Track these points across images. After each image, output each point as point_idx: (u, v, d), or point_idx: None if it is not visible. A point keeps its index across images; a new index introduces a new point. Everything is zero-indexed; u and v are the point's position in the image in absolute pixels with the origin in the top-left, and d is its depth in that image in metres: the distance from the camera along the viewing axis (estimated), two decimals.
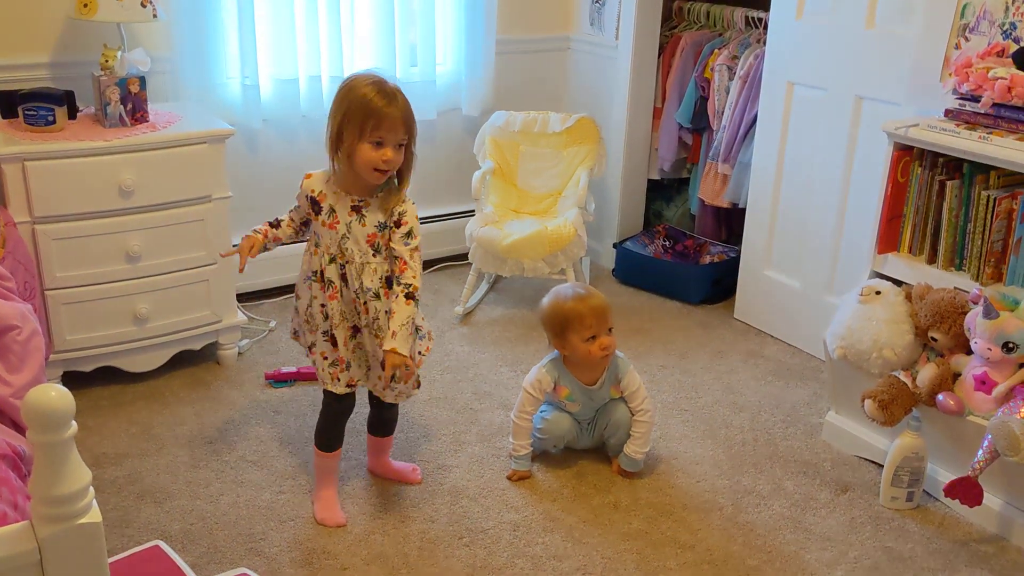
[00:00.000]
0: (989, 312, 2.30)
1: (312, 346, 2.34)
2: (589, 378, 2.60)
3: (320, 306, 2.27)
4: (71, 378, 2.88)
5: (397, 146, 2.14)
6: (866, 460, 2.73)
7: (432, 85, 3.82)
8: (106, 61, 2.88)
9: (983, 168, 2.46)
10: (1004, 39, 2.55)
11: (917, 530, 2.45)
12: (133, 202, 2.80)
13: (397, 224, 2.21)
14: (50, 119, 2.80)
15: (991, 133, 2.40)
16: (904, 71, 2.83)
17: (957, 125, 2.48)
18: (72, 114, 2.93)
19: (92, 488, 1.22)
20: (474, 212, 3.70)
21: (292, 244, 2.46)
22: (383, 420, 2.52)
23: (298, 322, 2.38)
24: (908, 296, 2.55)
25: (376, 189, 2.22)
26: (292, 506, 2.46)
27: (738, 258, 3.69)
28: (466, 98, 3.94)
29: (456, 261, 4.04)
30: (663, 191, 4.33)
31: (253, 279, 3.57)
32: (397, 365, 2.15)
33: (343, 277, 2.24)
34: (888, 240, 2.69)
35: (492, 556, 2.30)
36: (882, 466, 2.56)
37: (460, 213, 4.05)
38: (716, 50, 3.81)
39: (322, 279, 2.25)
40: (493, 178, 3.77)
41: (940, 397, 2.38)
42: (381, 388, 2.35)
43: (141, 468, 2.59)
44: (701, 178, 3.92)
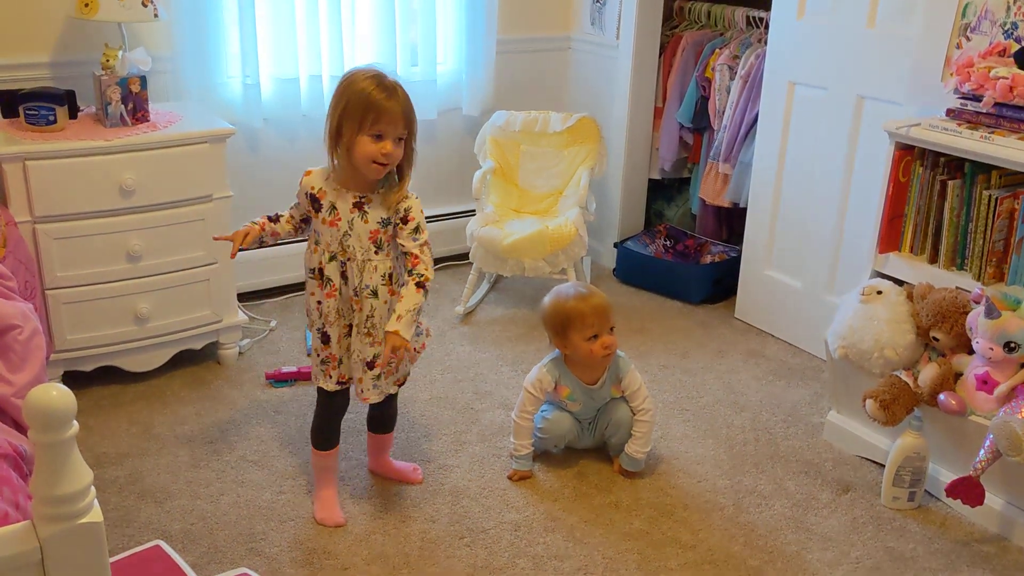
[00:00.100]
0: (991, 312, 2.30)
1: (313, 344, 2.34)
2: (590, 377, 2.59)
3: (316, 303, 2.27)
4: (72, 377, 2.87)
5: (397, 140, 2.13)
6: (867, 460, 2.73)
7: (433, 85, 3.82)
8: (107, 60, 2.88)
9: (984, 168, 2.46)
10: (1005, 39, 2.55)
11: (919, 530, 2.45)
12: (134, 202, 2.80)
13: (404, 220, 2.21)
14: (51, 119, 2.80)
15: (993, 133, 2.40)
16: (905, 71, 2.83)
17: (958, 125, 2.48)
18: (73, 114, 2.93)
19: (93, 488, 1.22)
20: (475, 212, 3.70)
21: (292, 243, 2.45)
22: (383, 416, 2.52)
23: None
24: (909, 296, 2.55)
25: (377, 185, 2.21)
26: (293, 506, 2.46)
27: (739, 258, 3.69)
28: (467, 98, 3.94)
29: (457, 261, 4.04)
30: (664, 191, 4.33)
31: (253, 279, 3.57)
32: (397, 347, 2.15)
33: (343, 275, 2.24)
34: (889, 240, 2.68)
35: (493, 556, 2.29)
36: (883, 466, 2.56)
37: (461, 213, 4.04)
38: (717, 50, 3.81)
39: (320, 277, 2.25)
40: (494, 178, 3.77)
41: (942, 397, 2.38)
42: (370, 385, 2.31)
43: (142, 468, 2.59)
44: (702, 178, 3.92)
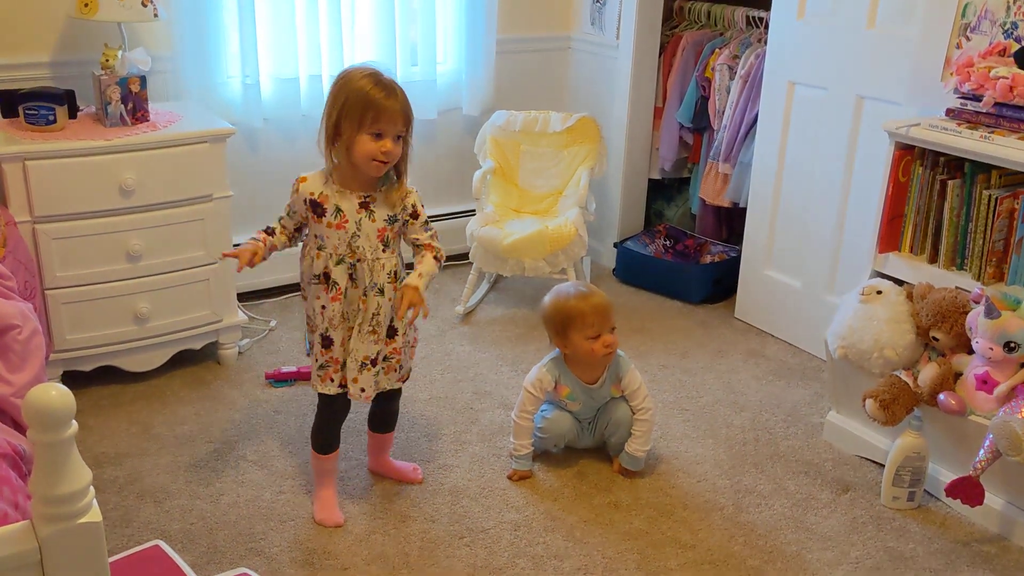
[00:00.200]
0: (991, 311, 2.30)
1: (312, 347, 2.34)
2: (590, 377, 2.59)
3: (321, 308, 2.26)
4: (71, 377, 2.87)
5: (396, 138, 2.14)
6: (867, 460, 2.73)
7: (433, 84, 3.82)
8: (107, 60, 2.88)
9: (984, 167, 2.46)
10: (1005, 38, 2.55)
11: (918, 530, 2.44)
12: (133, 201, 2.79)
13: (414, 216, 2.26)
14: (51, 118, 2.80)
15: (992, 132, 2.40)
16: (905, 71, 2.83)
17: (958, 124, 2.48)
18: (73, 113, 2.92)
19: (92, 488, 1.22)
20: (475, 211, 3.70)
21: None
22: (385, 414, 2.51)
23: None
24: (909, 296, 2.55)
25: (377, 183, 2.22)
26: (292, 506, 2.46)
27: (739, 258, 3.69)
28: (467, 97, 3.94)
29: (457, 260, 4.04)
30: (664, 191, 4.32)
31: (253, 279, 3.56)
32: (414, 302, 2.18)
33: (351, 276, 2.23)
34: (889, 240, 2.68)
35: (493, 556, 2.29)
36: (883, 466, 2.56)
37: (461, 212, 4.04)
38: (717, 50, 3.81)
39: (326, 281, 2.24)
40: (494, 177, 3.77)
41: (941, 397, 2.38)
42: (371, 382, 2.31)
43: (141, 468, 2.59)
44: (702, 178, 3.92)
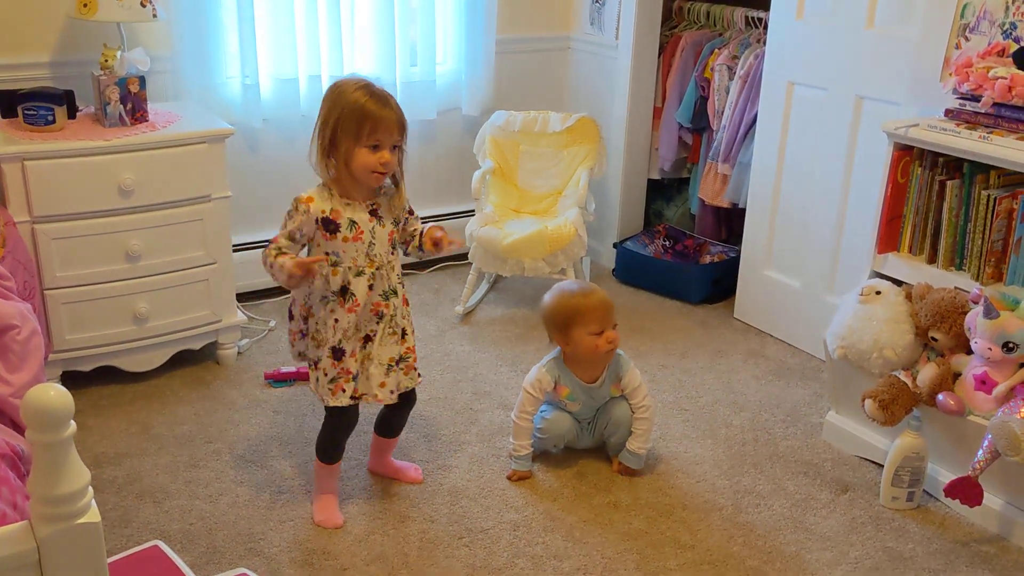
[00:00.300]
0: (989, 312, 2.30)
1: (316, 362, 2.30)
2: (590, 376, 2.59)
3: (334, 321, 2.24)
4: (70, 378, 2.87)
5: (392, 148, 2.16)
6: (866, 460, 2.73)
7: (432, 84, 3.82)
8: (106, 61, 2.88)
9: (983, 168, 2.46)
10: (1004, 39, 2.55)
11: (918, 530, 2.45)
12: (133, 202, 2.79)
13: (409, 212, 2.36)
14: (50, 118, 2.80)
15: (991, 133, 2.40)
16: (904, 71, 2.83)
17: (957, 125, 2.48)
18: (72, 114, 2.92)
19: (91, 488, 1.22)
20: (474, 212, 3.70)
21: None
22: (396, 420, 2.51)
23: (304, 344, 2.34)
24: (908, 296, 2.55)
25: (376, 191, 2.25)
26: (292, 506, 2.46)
27: (738, 258, 3.69)
28: (466, 97, 3.94)
29: (456, 261, 4.04)
30: (663, 191, 4.32)
31: (253, 279, 3.56)
32: (442, 233, 2.32)
33: (370, 286, 2.24)
34: (888, 240, 2.69)
35: (492, 556, 2.29)
36: (882, 466, 2.56)
37: (460, 213, 4.04)
38: (716, 50, 3.81)
39: (343, 295, 2.23)
40: (493, 178, 3.77)
41: (940, 397, 2.38)
42: (393, 385, 2.32)
43: (140, 468, 2.59)
44: (701, 178, 3.92)
